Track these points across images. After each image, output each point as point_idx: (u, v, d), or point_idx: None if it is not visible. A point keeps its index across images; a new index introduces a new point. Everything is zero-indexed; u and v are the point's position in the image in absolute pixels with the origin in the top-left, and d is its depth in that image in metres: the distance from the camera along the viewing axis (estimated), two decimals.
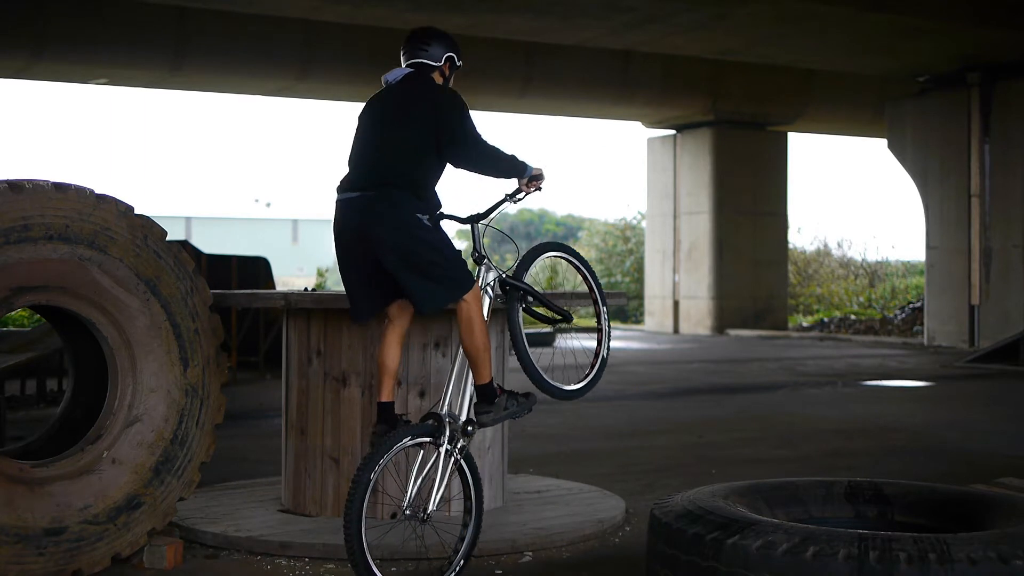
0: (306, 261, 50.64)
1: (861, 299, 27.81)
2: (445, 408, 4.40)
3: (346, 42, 17.42)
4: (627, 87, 20.75)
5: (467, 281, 4.38)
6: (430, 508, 4.29)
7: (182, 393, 4.80)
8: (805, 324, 25.13)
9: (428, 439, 4.32)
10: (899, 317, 22.78)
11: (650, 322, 24.55)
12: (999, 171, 17.86)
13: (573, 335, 5.01)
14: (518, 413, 4.56)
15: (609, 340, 4.99)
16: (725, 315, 22.87)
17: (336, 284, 35.66)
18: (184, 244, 13.66)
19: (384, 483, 5.19)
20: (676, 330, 23.55)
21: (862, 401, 11.16)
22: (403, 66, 4.67)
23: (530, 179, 4.60)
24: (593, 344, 4.99)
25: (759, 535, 3.27)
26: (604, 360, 4.92)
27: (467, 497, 4.44)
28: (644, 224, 26.86)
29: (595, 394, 11.53)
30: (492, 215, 4.63)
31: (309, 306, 5.30)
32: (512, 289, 4.62)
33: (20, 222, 4.36)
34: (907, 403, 11.15)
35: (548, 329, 19.13)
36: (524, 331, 4.55)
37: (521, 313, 4.62)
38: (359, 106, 4.72)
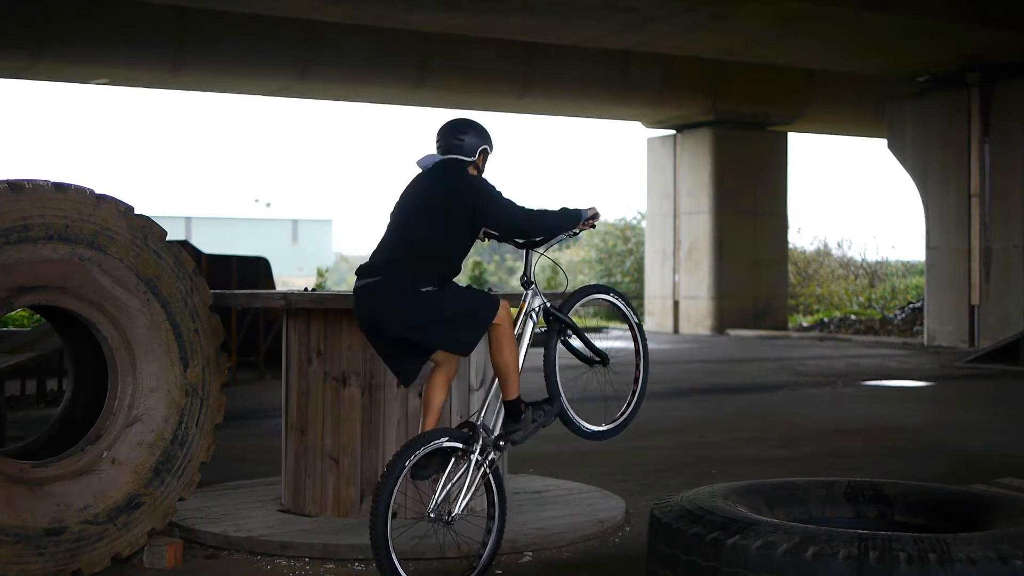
0: (306, 261, 50.67)
1: (861, 299, 27.81)
2: (481, 419, 4.49)
3: (346, 42, 17.43)
4: (627, 87, 20.76)
5: (491, 308, 4.44)
6: (455, 512, 4.34)
7: (182, 393, 4.80)
8: (805, 324, 25.13)
9: (461, 445, 4.37)
10: (899, 317, 22.79)
11: (650, 322, 24.55)
12: (999, 171, 17.86)
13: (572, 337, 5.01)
14: (546, 422, 4.63)
15: (645, 387, 5.03)
16: (725, 315, 22.88)
17: (336, 284, 35.70)
18: (184, 244, 13.65)
19: None
20: (676, 330, 23.55)
21: (862, 401, 11.16)
22: (436, 154, 4.67)
23: (588, 219, 4.68)
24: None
25: (759, 535, 3.27)
26: (638, 404, 4.99)
27: (491, 517, 4.49)
28: (644, 224, 26.87)
29: (595, 394, 11.53)
30: (549, 245, 4.72)
31: (309, 306, 5.30)
32: (555, 321, 4.71)
33: (20, 222, 4.36)
34: (907, 403, 11.14)
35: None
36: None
37: (559, 347, 4.70)
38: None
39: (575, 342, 4.82)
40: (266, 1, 14.76)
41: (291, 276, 42.98)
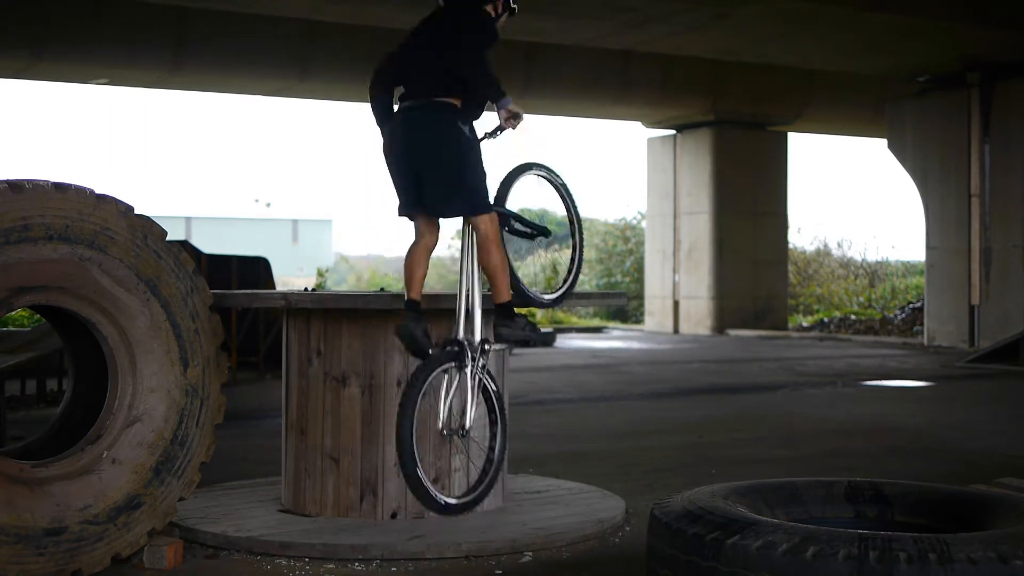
0: (306, 261, 50.61)
1: (861, 299, 27.81)
2: (461, 334, 4.85)
3: (346, 42, 17.42)
4: (627, 87, 20.75)
5: (486, 201, 4.87)
6: (467, 424, 4.77)
7: (182, 393, 4.80)
8: (805, 324, 25.13)
9: (454, 363, 4.79)
10: (899, 317, 22.79)
11: (650, 322, 24.55)
12: (999, 171, 17.86)
13: (573, 335, 5.17)
14: (532, 338, 5.05)
15: (582, 253, 5.54)
16: (725, 315, 22.88)
17: (336, 284, 35.66)
18: (184, 244, 13.64)
19: (385, 483, 5.22)
20: (676, 330, 23.55)
21: (862, 401, 11.16)
22: None
23: (510, 115, 4.84)
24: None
25: (759, 535, 3.27)
26: (577, 272, 5.49)
27: (491, 410, 4.91)
28: (644, 224, 26.86)
29: (595, 394, 11.56)
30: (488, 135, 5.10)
31: (309, 306, 5.30)
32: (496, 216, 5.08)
33: (20, 222, 4.36)
34: (907, 403, 11.14)
35: (549, 330, 18.98)
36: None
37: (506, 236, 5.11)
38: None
39: (519, 226, 5.21)
40: (266, 1, 14.76)
41: (291, 276, 42.94)
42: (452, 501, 4.72)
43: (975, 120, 18.08)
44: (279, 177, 75.73)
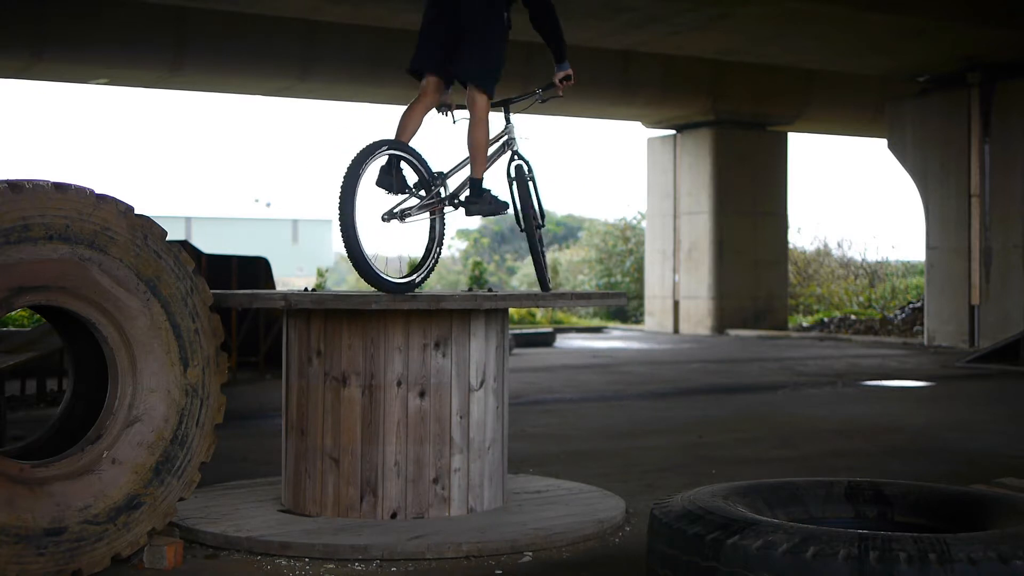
0: (306, 261, 50.67)
1: (861, 299, 27.82)
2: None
3: (346, 42, 17.43)
4: (627, 87, 20.76)
5: (492, 83, 5.53)
6: (408, 218, 5.40)
7: (182, 393, 4.79)
8: (805, 324, 25.14)
9: (427, 174, 5.43)
10: (899, 317, 22.79)
11: (650, 322, 24.55)
12: (999, 171, 17.86)
13: (573, 335, 5.25)
14: (496, 211, 5.61)
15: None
16: (725, 315, 22.88)
17: (336, 284, 35.65)
18: (184, 244, 13.63)
19: (385, 483, 5.22)
20: (676, 330, 23.55)
21: (862, 401, 11.16)
22: None
23: (565, 76, 5.85)
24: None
25: (759, 535, 3.27)
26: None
27: (431, 240, 5.58)
28: (644, 224, 26.87)
29: (595, 394, 11.57)
30: (529, 100, 6.09)
31: (309, 306, 5.29)
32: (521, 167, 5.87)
33: (20, 222, 4.36)
34: (907, 403, 11.15)
35: (548, 330, 18.93)
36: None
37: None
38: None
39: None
40: (266, 1, 14.76)
41: (291, 276, 42.98)
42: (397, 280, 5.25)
43: (975, 120, 18.09)
44: (279, 177, 75.78)
